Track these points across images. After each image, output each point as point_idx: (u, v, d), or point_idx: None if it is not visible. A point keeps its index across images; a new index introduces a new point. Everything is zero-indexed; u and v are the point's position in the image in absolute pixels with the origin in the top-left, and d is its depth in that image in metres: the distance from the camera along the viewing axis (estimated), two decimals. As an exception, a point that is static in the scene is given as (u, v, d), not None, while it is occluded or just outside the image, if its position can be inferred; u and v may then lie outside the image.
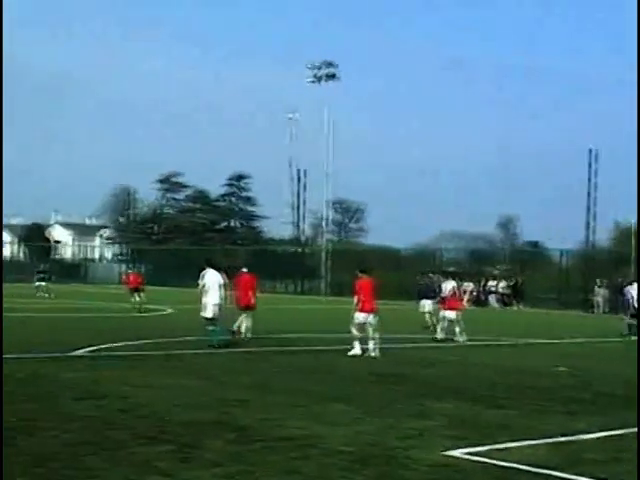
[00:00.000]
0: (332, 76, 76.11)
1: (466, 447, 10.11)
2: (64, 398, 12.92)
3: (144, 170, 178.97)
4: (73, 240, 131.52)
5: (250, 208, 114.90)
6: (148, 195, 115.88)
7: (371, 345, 21.03)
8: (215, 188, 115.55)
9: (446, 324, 27.23)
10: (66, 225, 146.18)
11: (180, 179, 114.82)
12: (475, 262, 73.62)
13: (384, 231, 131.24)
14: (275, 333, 27.57)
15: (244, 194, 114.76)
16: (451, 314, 27.16)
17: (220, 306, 22.52)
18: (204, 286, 22.49)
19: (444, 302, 27.75)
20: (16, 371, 15.81)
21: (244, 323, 24.88)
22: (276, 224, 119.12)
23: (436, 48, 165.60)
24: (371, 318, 21.36)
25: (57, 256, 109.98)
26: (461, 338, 26.71)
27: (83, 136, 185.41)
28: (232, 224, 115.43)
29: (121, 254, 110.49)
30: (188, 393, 13.88)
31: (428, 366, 19.47)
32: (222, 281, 22.69)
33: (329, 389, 15.04)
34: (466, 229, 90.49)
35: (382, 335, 21.60)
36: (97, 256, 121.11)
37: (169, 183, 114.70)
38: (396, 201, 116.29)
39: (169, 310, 40.44)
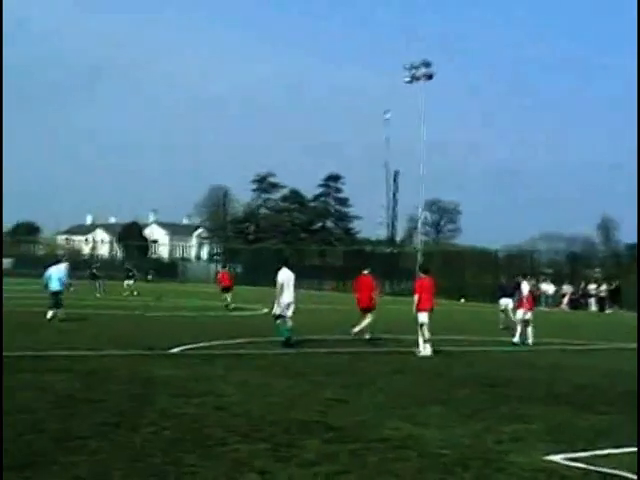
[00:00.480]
0: (429, 76, 75.72)
1: (565, 452, 9.95)
2: (161, 395, 13.07)
3: (239, 170, 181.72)
4: (169, 239, 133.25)
5: (344, 209, 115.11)
6: (243, 195, 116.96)
7: (421, 341, 21.75)
8: (310, 189, 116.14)
9: (520, 326, 26.72)
10: (163, 225, 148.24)
11: (275, 179, 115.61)
12: (572, 264, 72.49)
13: (479, 232, 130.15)
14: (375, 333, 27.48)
15: (338, 195, 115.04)
16: (528, 314, 26.86)
17: (291, 304, 22.89)
18: (282, 285, 22.86)
19: (521, 302, 27.51)
20: (114, 368, 16.07)
21: (363, 324, 25.22)
22: (369, 224, 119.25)
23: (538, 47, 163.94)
24: (425, 317, 22.11)
25: (154, 255, 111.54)
26: (530, 340, 26.33)
27: (179, 137, 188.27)
28: (327, 224, 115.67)
29: (216, 253, 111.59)
30: (284, 392, 13.92)
31: (523, 369, 19.23)
32: (294, 280, 23.26)
33: (424, 391, 14.96)
34: (564, 231, 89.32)
35: (479, 337, 21.39)
36: (193, 255, 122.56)
37: (264, 183, 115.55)
38: (492, 202, 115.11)
39: (264, 310, 40.62)
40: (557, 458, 9.67)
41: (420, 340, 21.82)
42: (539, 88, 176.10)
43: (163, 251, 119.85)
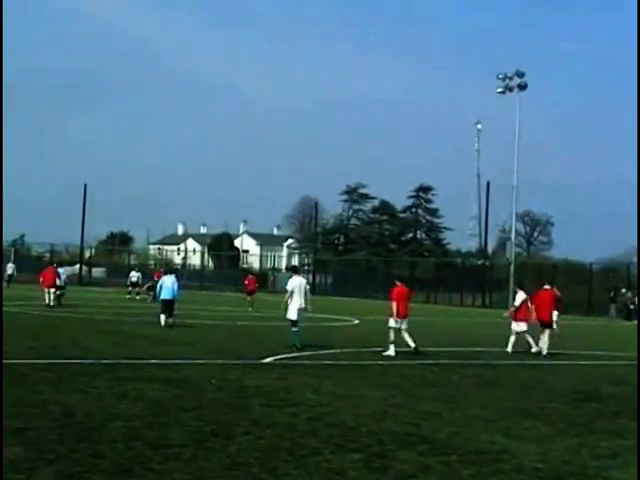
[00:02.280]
0: (523, 87, 74.98)
1: (664, 469, 9.76)
2: (255, 405, 13.16)
3: (329, 181, 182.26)
4: (260, 250, 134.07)
5: (435, 220, 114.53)
6: (333, 206, 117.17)
7: (410, 343, 23.33)
8: (400, 200, 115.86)
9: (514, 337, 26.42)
10: (253, 235, 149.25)
11: (365, 190, 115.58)
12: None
13: (571, 245, 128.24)
14: (462, 346, 27.40)
15: (429, 205, 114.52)
16: (522, 326, 26.43)
17: (302, 310, 24.14)
18: (291, 291, 24.14)
19: (516, 313, 26.91)
20: (209, 377, 16.24)
21: (545, 340, 25.91)
22: (460, 236, 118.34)
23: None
24: (404, 324, 23.61)
25: (245, 265, 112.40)
26: (534, 349, 25.79)
27: (270, 147, 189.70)
28: (417, 236, 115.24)
29: (307, 264, 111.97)
30: (376, 403, 13.92)
31: (618, 384, 18.88)
32: (307, 286, 24.99)
33: (517, 404, 14.80)
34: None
35: (573, 351, 21.09)
36: (283, 266, 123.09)
37: (355, 194, 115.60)
38: (583, 214, 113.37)
39: (355, 321, 40.69)
40: (657, 475, 9.50)
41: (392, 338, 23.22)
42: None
43: (254, 261, 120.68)
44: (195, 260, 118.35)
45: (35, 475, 8.24)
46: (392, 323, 23.58)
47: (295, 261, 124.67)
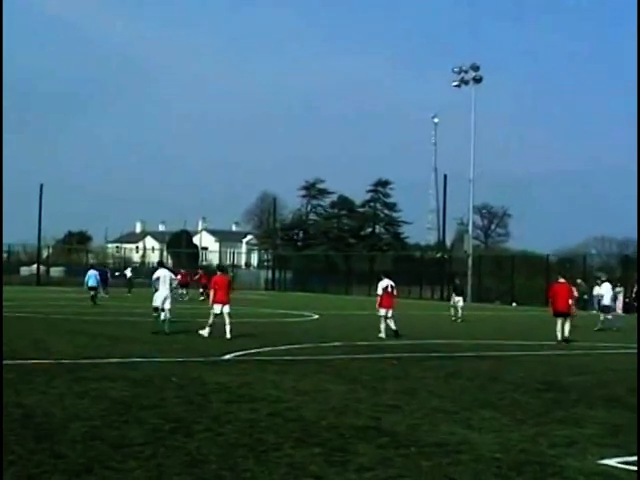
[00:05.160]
0: (478, 80, 75.47)
1: (621, 456, 9.88)
2: (215, 401, 13.17)
3: (287, 177, 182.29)
4: (219, 246, 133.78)
5: (393, 214, 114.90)
6: (292, 201, 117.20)
7: (227, 329, 25.25)
8: (358, 194, 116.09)
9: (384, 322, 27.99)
10: (212, 232, 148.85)
11: (323, 185, 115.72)
12: (625, 268, 71.68)
13: (528, 236, 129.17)
14: (420, 339, 27.54)
15: (387, 200, 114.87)
16: (381, 312, 28.05)
17: (166, 297, 26.98)
18: (157, 280, 27.18)
19: (380, 300, 28.43)
20: (169, 375, 16.21)
21: (567, 328, 27.86)
22: (419, 230, 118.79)
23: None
24: (226, 308, 25.88)
25: (204, 262, 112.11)
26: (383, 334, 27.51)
27: (228, 145, 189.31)
28: (376, 230, 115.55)
29: (267, 260, 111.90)
30: (337, 398, 13.95)
31: (576, 373, 19.06)
32: (172, 277, 28.25)
33: (478, 395, 14.91)
34: (616, 234, 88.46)
35: (532, 342, 21.25)
36: (243, 262, 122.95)
37: (313, 189, 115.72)
38: (541, 206, 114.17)
39: (315, 316, 40.74)
40: (612, 462, 9.61)
41: (209, 324, 25.76)
42: (590, 86, 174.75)
43: (213, 258, 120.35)
44: (154, 258, 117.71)
45: (-6, 477, 8.20)
46: (216, 310, 26.15)
47: (255, 257, 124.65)
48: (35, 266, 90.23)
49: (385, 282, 28.35)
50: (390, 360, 20.62)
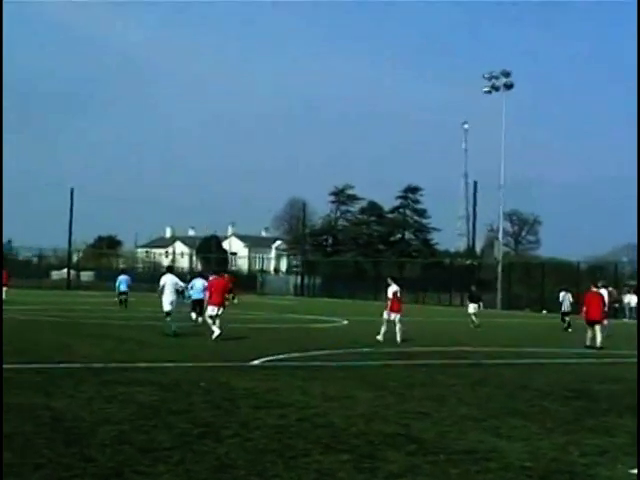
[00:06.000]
0: (509, 86, 75.31)
1: (652, 466, 9.80)
2: (244, 407, 13.17)
3: (317, 182, 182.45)
4: (248, 252, 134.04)
5: (423, 220, 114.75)
6: (321, 207, 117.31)
7: (216, 332, 26.20)
8: (388, 201, 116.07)
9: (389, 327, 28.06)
10: (242, 237, 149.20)
11: (353, 191, 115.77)
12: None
13: (559, 244, 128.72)
14: (449, 345, 27.46)
15: (417, 206, 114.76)
16: (391, 315, 28.25)
17: (174, 302, 27.90)
18: (162, 287, 27.99)
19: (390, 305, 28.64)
20: (197, 379, 16.24)
21: (597, 336, 28.27)
22: (448, 236, 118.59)
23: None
24: (220, 311, 27.28)
25: (233, 267, 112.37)
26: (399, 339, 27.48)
27: (258, 151, 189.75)
28: (405, 236, 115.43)
29: (296, 265, 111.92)
30: (366, 404, 13.93)
31: (607, 382, 18.92)
32: (180, 283, 28.94)
33: (507, 403, 14.83)
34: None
35: (562, 350, 21.15)
36: (272, 268, 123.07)
37: (343, 195, 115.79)
38: (572, 213, 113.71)
39: (344, 322, 40.72)
40: (644, 472, 9.54)
41: (214, 328, 26.54)
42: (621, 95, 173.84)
43: (242, 263, 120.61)
44: (183, 263, 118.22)
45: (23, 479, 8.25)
46: (211, 312, 27.37)
47: (284, 263, 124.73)
48: (66, 270, 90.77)
49: (395, 287, 28.71)
50: (418, 367, 20.57)
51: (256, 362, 20.12)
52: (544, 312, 64.93)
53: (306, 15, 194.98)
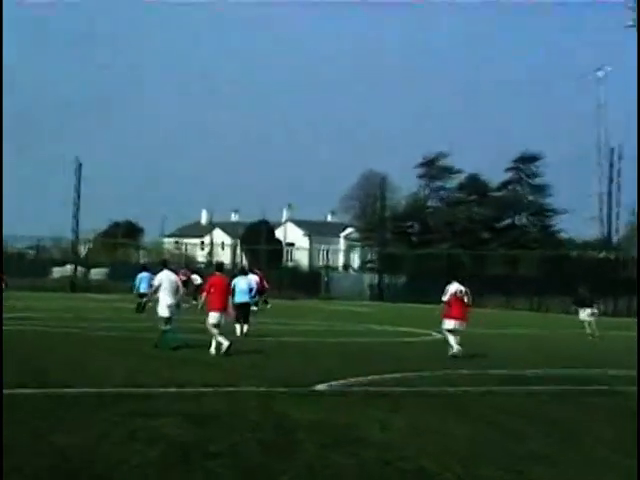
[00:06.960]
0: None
1: None
2: (309, 443, 13.22)
3: (399, 151, 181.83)
4: (309, 242, 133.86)
5: (542, 200, 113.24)
6: (406, 183, 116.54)
7: (225, 342, 26.46)
8: (495, 174, 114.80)
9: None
10: (300, 223, 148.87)
11: (448, 162, 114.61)
12: None
13: None
14: (581, 367, 27.24)
15: (534, 182, 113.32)
16: (449, 324, 28.75)
17: (173, 306, 28.47)
18: (159, 286, 28.49)
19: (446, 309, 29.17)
20: (248, 408, 16.34)
21: None
22: (577, 221, 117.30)
23: None
24: (223, 318, 27.81)
25: (289, 263, 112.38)
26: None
27: (317, 114, 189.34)
28: (518, 221, 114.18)
29: (371, 260, 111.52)
30: (464, 442, 13.92)
31: None
32: (178, 282, 29.40)
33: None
34: None
35: None
36: (340, 263, 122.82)
37: (434, 167, 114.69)
38: None
39: (436, 335, 40.59)
40: None
41: (220, 339, 26.83)
42: None
43: (301, 258, 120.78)
44: (224, 257, 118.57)
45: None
46: (213, 320, 27.58)
47: (356, 257, 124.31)
48: (70, 266, 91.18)
49: (455, 286, 29.06)
50: (536, 395, 20.48)
51: (321, 387, 20.17)
52: None
53: None
